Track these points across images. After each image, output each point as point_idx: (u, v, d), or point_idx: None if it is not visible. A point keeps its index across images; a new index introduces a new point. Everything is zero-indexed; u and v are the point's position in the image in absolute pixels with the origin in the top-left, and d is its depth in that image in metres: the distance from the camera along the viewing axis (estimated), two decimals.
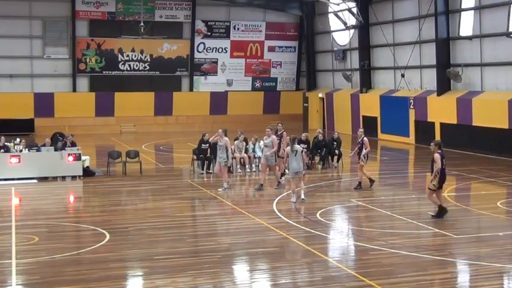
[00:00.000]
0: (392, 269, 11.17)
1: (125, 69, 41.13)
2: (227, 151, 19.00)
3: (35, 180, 20.93)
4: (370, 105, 35.99)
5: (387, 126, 34.67)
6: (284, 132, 20.68)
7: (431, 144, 15.33)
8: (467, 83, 29.54)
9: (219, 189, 18.96)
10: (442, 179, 15.03)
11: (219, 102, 42.78)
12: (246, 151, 22.98)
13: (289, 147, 17.44)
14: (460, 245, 12.93)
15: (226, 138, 19.02)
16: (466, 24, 29.72)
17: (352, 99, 37.79)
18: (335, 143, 24.22)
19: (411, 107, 32.59)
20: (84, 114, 40.04)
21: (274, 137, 19.57)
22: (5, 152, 21.20)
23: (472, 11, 29.19)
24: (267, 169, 19.62)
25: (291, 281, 10.75)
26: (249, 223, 14.95)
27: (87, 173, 21.84)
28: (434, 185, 14.98)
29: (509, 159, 25.55)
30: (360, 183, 19.31)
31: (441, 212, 15.05)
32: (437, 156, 14.89)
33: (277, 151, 19.77)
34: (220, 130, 19.32)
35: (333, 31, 40.93)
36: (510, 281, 10.91)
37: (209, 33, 42.31)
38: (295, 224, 14.57)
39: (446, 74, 30.22)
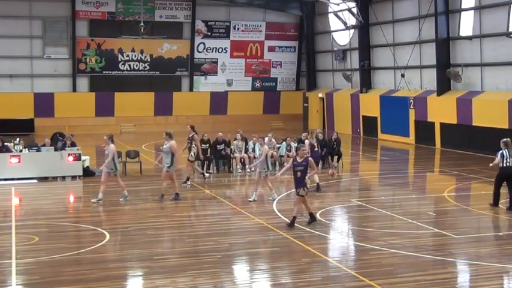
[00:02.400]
0: (392, 269, 11.17)
1: (124, 69, 41.14)
2: (113, 159, 17.33)
3: (35, 180, 20.93)
4: (370, 105, 35.99)
5: (387, 126, 34.67)
6: (195, 135, 20.37)
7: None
8: (467, 83, 29.54)
9: (121, 199, 17.52)
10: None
11: (219, 102, 42.79)
12: (246, 151, 22.98)
13: (266, 147, 18.01)
14: (460, 245, 12.92)
15: (112, 146, 17.40)
16: (466, 24, 29.72)
17: (352, 99, 37.79)
18: (334, 142, 24.21)
19: (411, 107, 32.58)
20: (84, 114, 40.05)
21: (173, 142, 18.01)
22: (5, 152, 21.20)
23: (472, 11, 29.19)
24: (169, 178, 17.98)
25: (291, 281, 10.75)
26: (249, 223, 14.95)
27: (87, 173, 21.84)
28: (304, 190, 14.16)
29: None
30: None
31: (312, 218, 14.40)
32: (311, 160, 14.40)
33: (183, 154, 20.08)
34: (105, 136, 17.75)
35: (333, 31, 40.93)
36: (510, 281, 10.91)
37: (209, 33, 42.31)
38: (295, 224, 14.55)
39: (446, 74, 30.22)
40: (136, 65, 41.33)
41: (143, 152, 27.42)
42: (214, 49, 42.61)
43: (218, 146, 22.69)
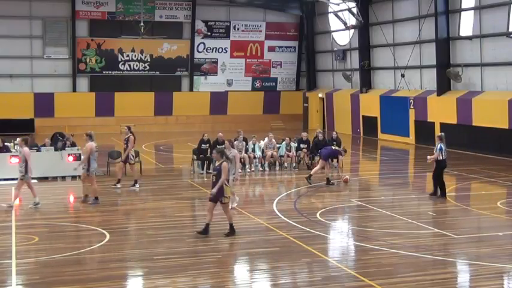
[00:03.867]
0: (392, 269, 11.17)
1: (125, 69, 41.14)
2: (26, 164, 16.37)
3: (35, 180, 20.83)
4: (370, 105, 36.00)
5: (387, 126, 34.68)
6: (131, 137, 19.83)
7: None
8: (467, 83, 29.55)
9: (30, 205, 16.65)
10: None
11: (219, 102, 42.79)
12: (246, 151, 22.99)
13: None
14: (460, 245, 12.92)
15: (26, 149, 16.55)
16: (466, 24, 29.73)
17: (352, 99, 37.79)
18: (334, 143, 24.18)
19: (411, 107, 32.59)
20: (84, 114, 40.05)
21: (91, 143, 17.73)
22: (5, 152, 21.20)
23: (472, 11, 29.19)
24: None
25: (291, 281, 10.75)
26: (249, 223, 14.94)
27: None
28: (227, 197, 13.46)
29: (509, 159, 25.55)
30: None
31: (206, 229, 13.48)
32: (225, 164, 13.37)
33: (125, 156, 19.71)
34: (18, 138, 17.08)
35: (333, 31, 40.94)
36: (510, 281, 10.91)
37: (209, 33, 42.32)
38: (295, 224, 14.57)
39: (446, 74, 30.22)
40: (136, 65, 41.34)
41: (143, 152, 27.40)
42: (214, 49, 42.62)
43: (218, 147, 22.64)
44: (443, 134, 18.44)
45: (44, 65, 39.58)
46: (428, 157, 18.17)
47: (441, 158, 17.59)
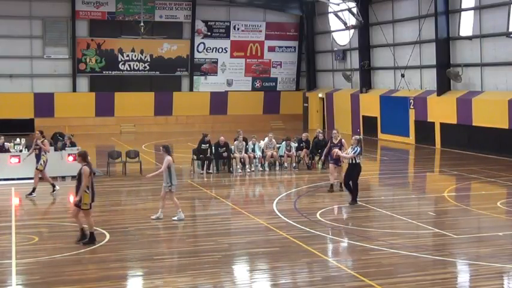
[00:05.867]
0: (392, 269, 11.17)
1: (125, 69, 41.14)
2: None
3: None
4: (370, 105, 35.99)
5: (387, 126, 34.67)
6: (45, 141, 19.05)
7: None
8: (467, 83, 29.54)
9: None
10: (93, 196, 13.00)
11: (219, 102, 42.77)
12: (246, 151, 23.00)
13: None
14: (460, 245, 12.92)
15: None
16: (466, 24, 29.72)
17: (352, 99, 37.79)
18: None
19: (411, 107, 32.59)
20: (84, 114, 40.05)
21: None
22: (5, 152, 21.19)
23: (472, 11, 29.19)
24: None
25: (291, 281, 10.75)
26: (249, 223, 14.95)
27: None
28: (86, 204, 12.78)
29: (509, 159, 25.55)
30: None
31: (89, 237, 12.86)
32: (86, 169, 12.72)
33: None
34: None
35: (333, 31, 40.94)
36: (510, 281, 10.91)
37: (209, 33, 42.31)
38: (295, 224, 14.57)
39: (446, 74, 30.22)
40: (136, 65, 41.33)
41: (143, 152, 27.42)
42: (214, 49, 42.61)
43: (220, 149, 22.67)
44: (361, 137, 17.22)
45: (44, 65, 39.57)
46: (341, 153, 17.48)
47: (356, 161, 16.73)
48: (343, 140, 18.90)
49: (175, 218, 15.00)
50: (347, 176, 17.02)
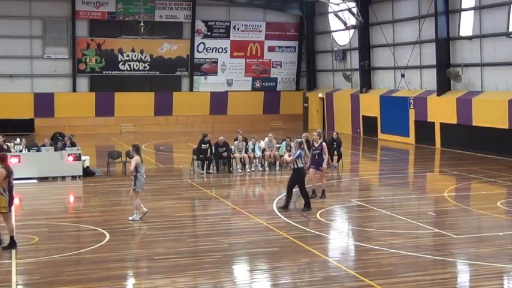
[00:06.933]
0: (392, 269, 11.17)
1: (125, 69, 41.13)
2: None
3: (35, 180, 20.92)
4: (370, 105, 35.99)
5: (387, 126, 34.67)
6: (7, 144, 18.59)
7: None
8: (467, 83, 29.54)
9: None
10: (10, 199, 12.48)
11: (219, 102, 42.76)
12: (246, 151, 23.00)
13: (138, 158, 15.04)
14: (460, 245, 12.92)
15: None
16: (466, 24, 29.71)
17: (352, 99, 37.79)
18: (334, 143, 24.20)
19: (411, 107, 32.58)
20: (84, 114, 40.04)
21: None
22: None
23: (472, 11, 29.18)
24: None
25: (291, 281, 10.75)
26: (249, 223, 14.95)
27: (87, 173, 21.83)
28: (4, 207, 12.38)
29: (509, 159, 25.55)
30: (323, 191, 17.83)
31: (9, 242, 12.44)
32: (2, 171, 12.38)
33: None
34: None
35: (333, 31, 40.93)
36: (510, 281, 10.91)
37: (209, 33, 42.30)
38: (295, 224, 14.57)
39: (446, 74, 30.21)
40: (136, 65, 41.32)
41: (143, 152, 27.36)
42: (214, 49, 42.60)
43: (219, 149, 22.67)
44: (301, 140, 16.71)
45: (44, 65, 39.56)
46: (287, 157, 16.64)
47: (299, 165, 15.92)
48: (324, 144, 17.65)
49: (131, 218, 14.96)
50: (290, 181, 16.19)
